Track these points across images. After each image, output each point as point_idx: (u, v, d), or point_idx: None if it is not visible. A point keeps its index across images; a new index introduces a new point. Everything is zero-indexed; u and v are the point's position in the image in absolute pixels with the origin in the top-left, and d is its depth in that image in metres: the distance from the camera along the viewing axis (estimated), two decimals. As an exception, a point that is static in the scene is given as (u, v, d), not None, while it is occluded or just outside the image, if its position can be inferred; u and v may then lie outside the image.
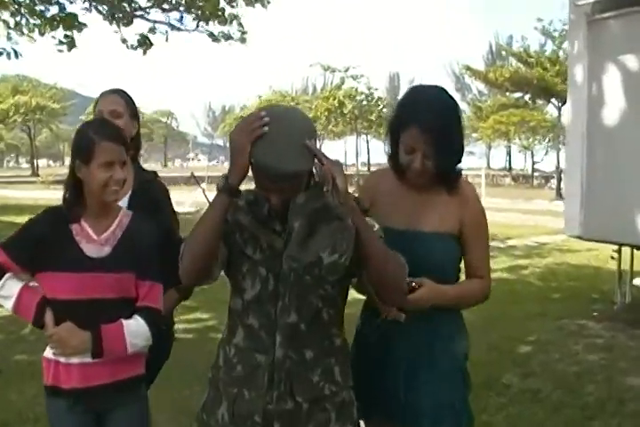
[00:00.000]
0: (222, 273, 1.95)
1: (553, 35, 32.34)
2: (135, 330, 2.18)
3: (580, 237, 6.67)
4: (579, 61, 6.24)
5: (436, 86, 2.21)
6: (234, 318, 1.99)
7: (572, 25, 6.33)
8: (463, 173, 2.28)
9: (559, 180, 35.04)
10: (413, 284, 2.06)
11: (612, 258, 7.44)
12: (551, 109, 39.71)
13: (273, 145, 1.73)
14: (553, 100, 33.98)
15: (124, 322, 2.18)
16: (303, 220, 1.90)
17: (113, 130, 2.23)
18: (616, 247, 7.29)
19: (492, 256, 7.69)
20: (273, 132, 1.73)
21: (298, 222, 1.90)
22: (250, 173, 1.80)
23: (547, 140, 54.39)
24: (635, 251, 7.36)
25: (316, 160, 1.76)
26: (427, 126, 2.07)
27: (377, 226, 1.93)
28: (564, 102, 34.15)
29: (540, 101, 40.93)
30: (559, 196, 30.88)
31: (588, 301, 7.95)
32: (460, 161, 2.23)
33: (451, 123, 2.14)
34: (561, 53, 32.47)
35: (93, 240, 2.23)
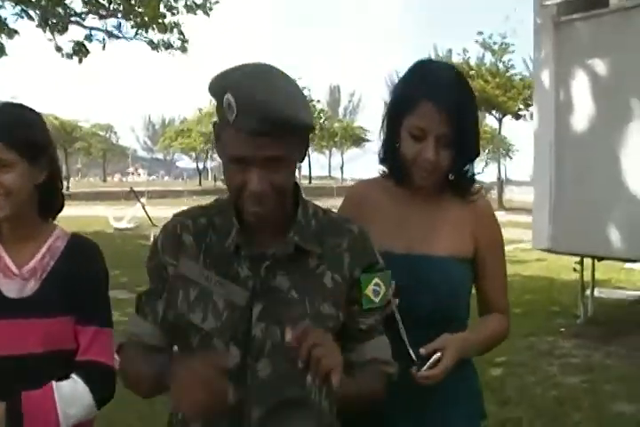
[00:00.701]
0: None
1: (493, 48, 32.75)
2: (71, 396, 1.62)
3: (549, 250, 6.38)
4: (545, 66, 5.96)
5: (446, 62, 1.77)
6: None
7: (538, 28, 6.04)
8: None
9: (500, 191, 35.43)
10: (437, 354, 1.59)
11: (575, 270, 7.24)
12: (491, 121, 40.22)
13: (261, 79, 1.26)
14: (493, 112, 34.42)
15: (56, 385, 1.62)
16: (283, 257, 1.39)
17: None
18: (577, 258, 7.08)
19: None
20: (259, 70, 1.29)
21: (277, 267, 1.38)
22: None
23: (486, 151, 55.34)
24: (596, 262, 7.18)
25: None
26: (443, 101, 1.61)
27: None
28: (504, 114, 34.88)
29: (480, 113, 41.46)
30: (501, 207, 31.23)
31: (549, 315, 7.71)
32: (473, 160, 1.80)
33: (470, 102, 1.71)
34: (500, 66, 32.98)
35: (11, 274, 1.69)
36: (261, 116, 1.21)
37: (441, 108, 1.61)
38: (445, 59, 42.40)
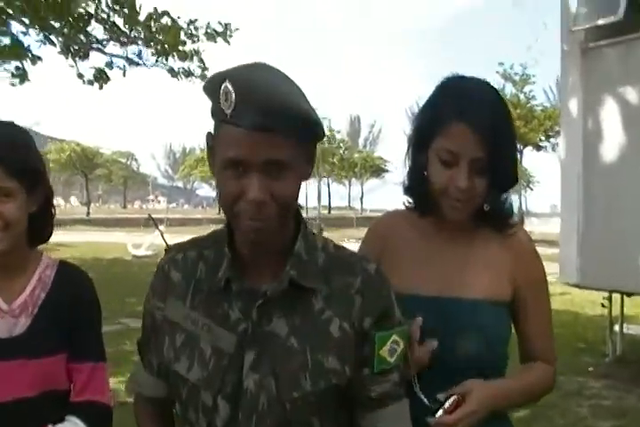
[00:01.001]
0: None
1: (514, 78, 32.66)
2: None
3: (577, 286, 6.10)
4: (573, 94, 5.76)
5: (479, 78, 1.56)
6: None
7: (565, 54, 5.85)
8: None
9: (520, 222, 35.01)
10: (454, 397, 1.38)
11: (603, 305, 6.93)
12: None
13: (261, 69, 1.14)
14: (515, 143, 34.25)
15: None
16: (284, 298, 1.20)
17: None
18: (604, 292, 6.76)
19: None
20: (259, 64, 1.15)
21: (276, 307, 1.20)
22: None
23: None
24: (625, 297, 6.88)
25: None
26: (477, 122, 1.41)
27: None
28: (525, 146, 34.66)
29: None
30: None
31: (575, 352, 7.36)
32: (511, 188, 1.57)
33: (507, 122, 1.50)
34: (522, 97, 32.85)
35: (1, 312, 1.54)
36: (263, 105, 1.06)
37: (475, 129, 1.40)
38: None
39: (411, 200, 1.61)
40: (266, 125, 1.06)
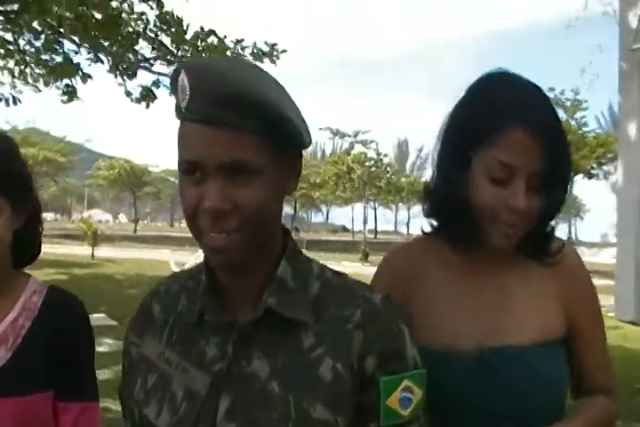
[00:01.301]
0: None
1: (565, 104, 32.02)
2: None
3: (633, 323, 5.71)
4: (632, 115, 5.43)
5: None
6: None
7: (623, 74, 5.55)
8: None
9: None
10: None
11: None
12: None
13: (227, 59, 1.09)
14: (566, 170, 33.64)
15: None
16: (267, 332, 1.01)
17: None
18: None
19: None
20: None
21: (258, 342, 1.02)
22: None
23: (557, 211, 54.25)
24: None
25: None
26: (542, 128, 1.16)
27: None
28: (576, 173, 33.92)
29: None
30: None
31: (631, 393, 6.81)
32: (561, 208, 1.29)
33: (563, 129, 1.24)
34: (573, 123, 32.16)
35: None
36: (215, 93, 0.92)
37: (536, 137, 1.14)
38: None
39: (435, 224, 1.36)
40: (219, 118, 0.92)
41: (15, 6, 10.46)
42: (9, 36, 11.30)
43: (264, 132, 0.95)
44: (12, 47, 11.46)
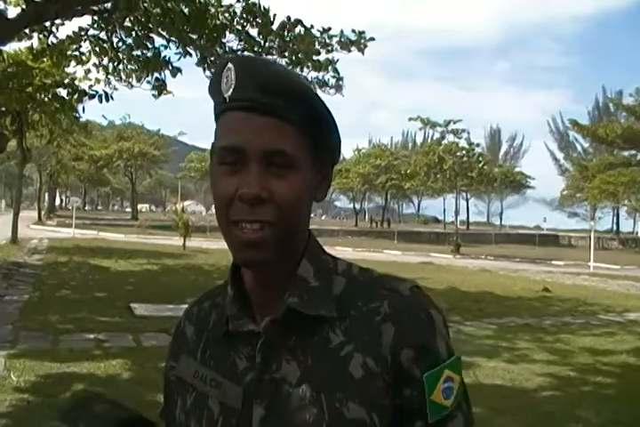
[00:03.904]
0: None
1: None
2: None
3: None
4: None
5: None
6: None
7: None
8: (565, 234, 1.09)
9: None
10: None
11: None
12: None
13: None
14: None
15: None
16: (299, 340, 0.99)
17: None
18: None
19: (610, 333, 6.11)
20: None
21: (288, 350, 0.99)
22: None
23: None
24: None
25: None
26: None
27: None
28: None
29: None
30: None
31: None
32: None
33: None
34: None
35: None
36: (263, 80, 0.94)
37: None
38: (615, 101, 39.97)
39: None
40: (265, 103, 0.93)
41: (108, 5, 10.70)
42: (102, 35, 11.59)
43: (306, 127, 0.96)
44: (105, 45, 11.75)
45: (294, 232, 0.98)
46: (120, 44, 11.80)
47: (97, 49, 11.74)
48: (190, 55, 11.92)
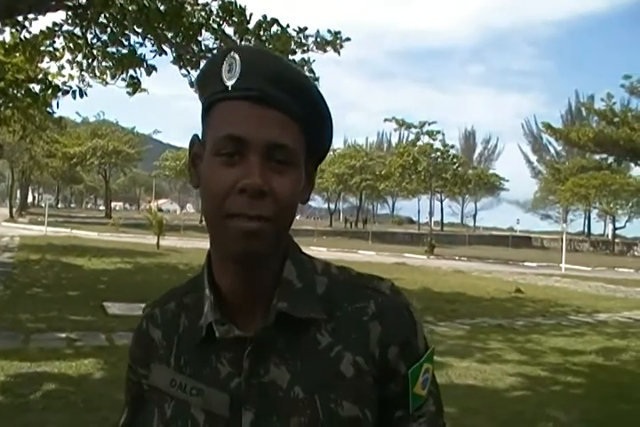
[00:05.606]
0: None
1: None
2: None
3: None
4: None
5: None
6: None
7: None
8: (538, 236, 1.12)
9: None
10: None
11: None
12: (635, 172, 38.01)
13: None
14: (640, 162, 32.41)
15: None
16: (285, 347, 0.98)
17: None
18: None
19: (580, 334, 6.20)
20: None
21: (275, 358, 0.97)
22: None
23: (630, 204, 52.39)
24: None
25: None
26: None
27: None
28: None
29: (623, 164, 39.52)
30: (646, 264, 28.96)
31: None
32: None
33: None
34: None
35: None
36: (271, 72, 0.92)
37: None
38: (587, 105, 40.44)
39: None
40: (271, 95, 0.91)
41: (83, 0, 10.59)
42: (77, 31, 11.46)
43: (307, 125, 0.95)
44: (80, 41, 11.61)
45: (285, 230, 0.97)
46: (95, 40, 11.66)
47: (71, 45, 11.58)
48: (166, 53, 11.82)
